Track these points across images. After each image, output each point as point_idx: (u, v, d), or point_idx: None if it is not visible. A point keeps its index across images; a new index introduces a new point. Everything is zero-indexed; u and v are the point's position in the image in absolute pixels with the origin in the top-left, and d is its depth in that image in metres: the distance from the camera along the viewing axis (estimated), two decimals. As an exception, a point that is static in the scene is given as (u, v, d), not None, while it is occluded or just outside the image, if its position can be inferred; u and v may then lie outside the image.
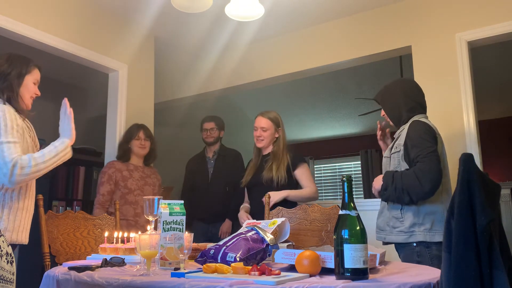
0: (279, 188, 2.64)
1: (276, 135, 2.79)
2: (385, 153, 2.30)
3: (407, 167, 2.10)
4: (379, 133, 2.43)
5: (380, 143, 2.45)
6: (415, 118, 2.22)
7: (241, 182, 2.87)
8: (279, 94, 5.93)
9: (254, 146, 2.87)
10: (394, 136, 2.30)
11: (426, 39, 3.19)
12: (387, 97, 2.30)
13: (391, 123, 2.33)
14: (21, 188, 1.89)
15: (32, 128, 1.99)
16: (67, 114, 1.97)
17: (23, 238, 1.89)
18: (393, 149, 2.21)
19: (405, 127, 2.19)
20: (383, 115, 2.34)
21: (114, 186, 3.02)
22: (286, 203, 2.61)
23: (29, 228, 1.94)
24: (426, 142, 2.05)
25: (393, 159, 2.18)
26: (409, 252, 2.07)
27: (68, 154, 1.91)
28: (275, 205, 2.55)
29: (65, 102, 1.99)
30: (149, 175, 3.19)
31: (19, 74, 1.93)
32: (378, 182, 2.17)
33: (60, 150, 1.87)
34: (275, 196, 2.58)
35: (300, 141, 7.96)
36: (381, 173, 2.39)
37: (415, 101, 2.26)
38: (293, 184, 2.72)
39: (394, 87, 2.32)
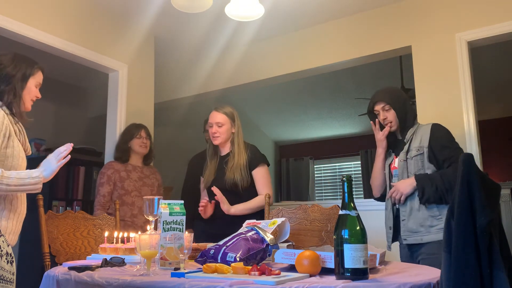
0: (243, 191, 2.51)
1: (233, 131, 2.61)
2: (400, 157, 2.28)
3: (434, 168, 2.14)
4: (386, 130, 2.34)
5: (384, 140, 2.38)
6: (420, 124, 2.32)
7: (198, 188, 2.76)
8: (279, 94, 5.93)
9: (209, 145, 2.70)
10: (404, 141, 2.29)
11: (426, 39, 3.19)
12: (397, 99, 2.32)
13: (394, 127, 2.32)
14: None
15: (23, 131, 1.91)
16: (59, 157, 1.86)
17: (10, 240, 1.81)
18: (412, 152, 2.22)
19: (418, 131, 2.25)
20: (385, 118, 2.31)
21: (113, 186, 3.02)
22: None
23: (18, 231, 1.86)
24: (455, 143, 2.16)
25: (415, 161, 2.19)
26: (436, 245, 2.05)
27: (37, 187, 1.79)
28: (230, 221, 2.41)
29: (69, 147, 1.89)
30: (148, 176, 3.18)
31: (23, 77, 1.88)
32: (406, 187, 2.17)
33: (32, 183, 1.76)
34: (225, 207, 2.43)
35: (300, 141, 7.96)
36: (384, 175, 2.41)
37: (414, 111, 2.40)
38: (251, 182, 2.56)
39: (400, 93, 2.38)
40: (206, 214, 2.51)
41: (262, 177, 2.56)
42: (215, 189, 2.44)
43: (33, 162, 2.05)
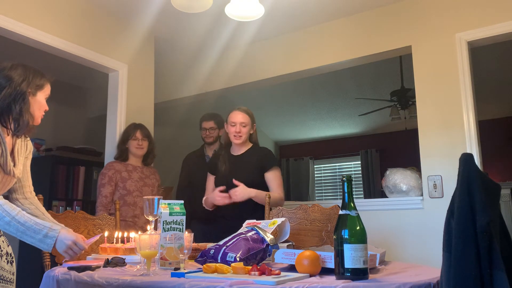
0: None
1: (251, 131, 2.71)
2: None
3: None
4: None
5: None
6: None
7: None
8: (279, 94, 5.93)
9: (225, 143, 2.78)
10: None
11: (426, 39, 3.19)
12: None
13: None
14: None
15: (5, 152, 1.72)
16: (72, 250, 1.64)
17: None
18: None
19: None
20: None
21: (115, 187, 3.02)
22: (250, 205, 2.51)
23: None
24: None
25: None
26: None
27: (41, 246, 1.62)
28: (241, 206, 2.48)
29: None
30: (148, 176, 3.18)
31: (35, 92, 1.78)
32: None
33: (38, 236, 1.60)
34: (243, 193, 2.47)
35: (300, 141, 7.96)
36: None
37: None
38: (264, 185, 2.62)
39: None
40: (223, 201, 2.52)
41: (276, 177, 2.62)
42: (236, 182, 2.51)
43: (33, 162, 2.05)
